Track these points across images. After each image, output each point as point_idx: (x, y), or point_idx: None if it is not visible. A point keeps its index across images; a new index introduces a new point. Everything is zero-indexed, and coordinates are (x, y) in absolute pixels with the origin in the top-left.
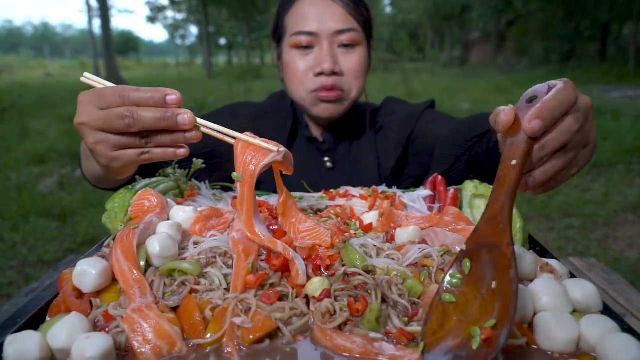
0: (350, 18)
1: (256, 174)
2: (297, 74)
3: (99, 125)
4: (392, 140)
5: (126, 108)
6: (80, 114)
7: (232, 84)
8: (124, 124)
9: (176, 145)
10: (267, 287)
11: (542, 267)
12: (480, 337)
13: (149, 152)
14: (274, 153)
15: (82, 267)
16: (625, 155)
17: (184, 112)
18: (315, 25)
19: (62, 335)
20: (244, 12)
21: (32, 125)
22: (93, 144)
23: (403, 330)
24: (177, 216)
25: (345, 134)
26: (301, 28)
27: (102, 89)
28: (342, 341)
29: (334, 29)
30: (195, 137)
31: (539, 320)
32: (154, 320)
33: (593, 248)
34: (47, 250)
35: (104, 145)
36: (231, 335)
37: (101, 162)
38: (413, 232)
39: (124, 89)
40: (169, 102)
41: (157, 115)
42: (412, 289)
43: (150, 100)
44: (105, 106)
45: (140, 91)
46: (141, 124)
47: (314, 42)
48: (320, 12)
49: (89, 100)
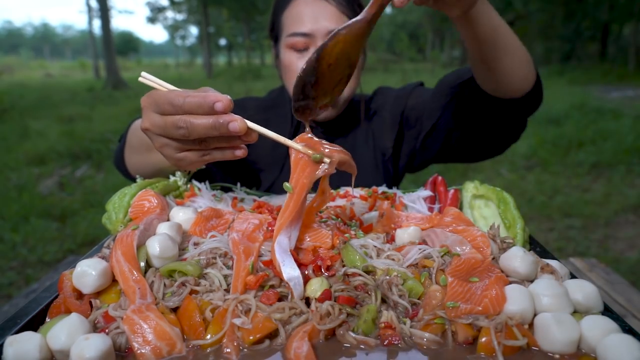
0: (343, 17)
1: (307, 188)
2: (294, 74)
3: (160, 132)
4: (386, 120)
5: (180, 118)
6: (144, 119)
7: (232, 85)
8: (180, 133)
9: (234, 146)
10: (267, 287)
11: (542, 267)
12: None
13: (209, 154)
14: (324, 166)
15: (82, 268)
16: (625, 155)
17: (234, 119)
18: (310, 25)
19: (61, 337)
20: (244, 13)
21: (32, 125)
22: (159, 147)
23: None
24: (177, 217)
25: (343, 127)
26: (296, 29)
27: (156, 95)
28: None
29: (328, 29)
30: (251, 140)
31: (540, 321)
32: (154, 321)
33: (593, 248)
34: (47, 251)
35: (169, 148)
36: (231, 336)
37: (170, 162)
38: (413, 232)
39: (175, 98)
40: (216, 109)
41: (210, 124)
42: (413, 289)
43: (199, 108)
44: (161, 112)
45: (189, 97)
46: (196, 133)
47: (309, 43)
48: (314, 12)
49: (148, 105)
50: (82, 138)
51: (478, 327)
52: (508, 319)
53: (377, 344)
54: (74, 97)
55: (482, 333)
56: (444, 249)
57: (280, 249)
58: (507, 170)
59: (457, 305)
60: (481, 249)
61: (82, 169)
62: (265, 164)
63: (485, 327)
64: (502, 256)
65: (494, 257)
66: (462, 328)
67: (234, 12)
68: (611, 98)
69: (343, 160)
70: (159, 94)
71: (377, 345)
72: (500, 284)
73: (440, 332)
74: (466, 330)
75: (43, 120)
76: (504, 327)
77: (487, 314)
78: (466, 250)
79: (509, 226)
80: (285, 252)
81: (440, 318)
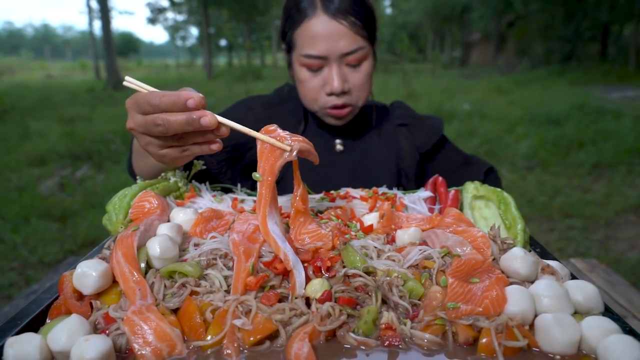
0: (357, 38)
1: (274, 174)
2: (310, 92)
3: (143, 131)
4: (416, 140)
5: (157, 116)
6: (129, 119)
7: (233, 85)
8: (158, 130)
9: (210, 140)
10: (268, 288)
11: (543, 268)
12: None
13: (188, 149)
14: (286, 154)
15: (82, 269)
16: (626, 155)
17: (205, 115)
18: (325, 48)
19: (62, 338)
20: (244, 14)
21: (33, 126)
22: (144, 145)
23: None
24: (178, 218)
25: (354, 127)
26: (311, 51)
27: (137, 96)
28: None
29: (343, 52)
30: (223, 134)
31: (540, 322)
32: (154, 322)
33: (594, 249)
34: (48, 251)
35: (152, 146)
36: (231, 337)
37: (155, 159)
38: (414, 233)
39: (152, 97)
40: (188, 106)
41: (184, 120)
42: (413, 290)
43: (173, 106)
44: (142, 112)
45: (165, 97)
46: (172, 129)
47: (323, 64)
48: (328, 34)
49: (131, 106)
50: (83, 139)
51: (478, 328)
52: (509, 320)
53: (378, 345)
54: (75, 97)
55: (483, 334)
56: (445, 249)
57: (278, 238)
58: (508, 171)
59: (457, 306)
60: (482, 249)
61: (83, 170)
62: None
63: (486, 328)
64: (502, 257)
65: (494, 258)
66: (463, 329)
67: (234, 13)
68: (612, 98)
69: (303, 149)
70: (140, 96)
71: (377, 346)
72: (500, 284)
73: (441, 333)
74: (467, 331)
75: (43, 121)
76: (505, 328)
77: (487, 314)
78: (467, 251)
79: (510, 227)
80: (283, 240)
81: (441, 319)
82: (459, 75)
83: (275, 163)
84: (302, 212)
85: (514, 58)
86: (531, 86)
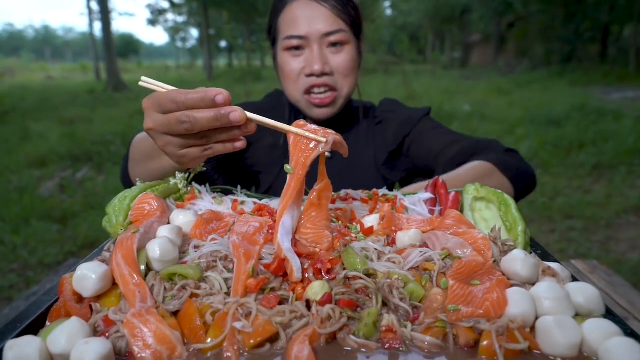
0: (337, 20)
1: (306, 167)
2: (290, 75)
3: (164, 130)
4: (389, 135)
5: (182, 113)
6: (147, 120)
7: (233, 87)
8: (183, 128)
9: (234, 139)
10: (268, 291)
11: (544, 270)
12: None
13: (211, 148)
14: (321, 145)
15: (82, 272)
16: (626, 156)
17: (234, 110)
18: (305, 28)
19: (62, 340)
20: (244, 15)
21: (33, 128)
22: (162, 146)
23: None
24: (178, 220)
25: (341, 126)
26: (292, 32)
27: (158, 95)
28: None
29: (322, 32)
30: (250, 131)
31: (541, 325)
32: (154, 325)
33: (595, 250)
34: (48, 253)
35: (171, 146)
36: (232, 340)
37: (173, 160)
38: (414, 235)
39: (177, 95)
40: (217, 102)
41: (212, 116)
42: (414, 292)
43: (201, 102)
44: (164, 111)
45: (191, 94)
46: (198, 126)
47: (304, 45)
48: (309, 15)
49: (150, 106)
50: (83, 140)
51: (479, 330)
52: (510, 323)
53: (379, 348)
54: (75, 99)
55: (484, 336)
56: (445, 251)
57: (283, 229)
58: None
59: (458, 308)
60: (482, 251)
61: (83, 171)
62: (264, 167)
63: (487, 330)
64: (503, 259)
65: (495, 260)
66: (464, 331)
67: (235, 14)
68: (612, 99)
69: (337, 141)
70: (161, 95)
71: (378, 348)
72: (501, 287)
73: (442, 335)
74: (467, 334)
75: (44, 122)
76: (506, 331)
77: (488, 317)
78: (467, 253)
79: (510, 229)
80: (287, 233)
81: (442, 321)
82: (459, 76)
83: (309, 157)
84: (315, 205)
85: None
86: (531, 87)
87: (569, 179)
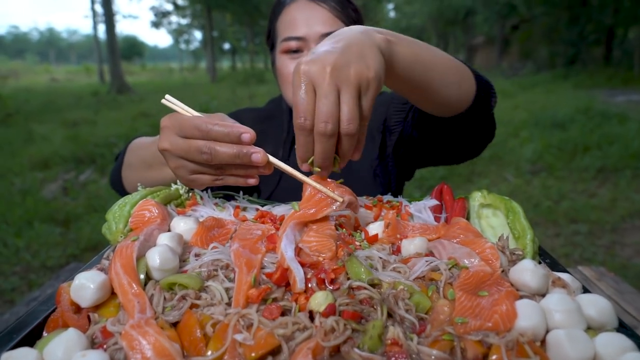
0: (337, 21)
1: (314, 219)
2: (289, 78)
3: (180, 154)
4: (372, 129)
5: (205, 144)
6: (163, 140)
7: (236, 89)
8: (202, 158)
9: (248, 175)
10: (270, 301)
11: (554, 281)
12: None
13: (222, 179)
14: (336, 204)
15: (80, 281)
16: (632, 160)
17: (258, 152)
18: (304, 30)
19: (58, 353)
20: (247, 17)
21: (37, 130)
22: (174, 168)
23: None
24: (178, 227)
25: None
26: (290, 33)
27: (181, 118)
28: None
29: (321, 32)
30: (266, 172)
31: (552, 338)
32: (153, 337)
33: (600, 254)
34: (51, 255)
35: (184, 170)
36: (232, 353)
37: (180, 180)
38: (420, 243)
39: (202, 124)
40: (243, 140)
41: (233, 153)
42: (420, 303)
43: (225, 137)
44: (185, 136)
45: (217, 126)
46: (218, 159)
47: (302, 46)
48: (307, 17)
49: (171, 126)
50: (87, 142)
51: (488, 344)
52: (519, 336)
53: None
54: (79, 101)
55: (493, 350)
56: (452, 261)
57: (287, 238)
58: (513, 175)
59: (466, 321)
60: (490, 261)
61: (86, 174)
62: (264, 176)
63: (496, 344)
64: (511, 269)
65: (503, 270)
66: (472, 345)
67: (238, 17)
68: (617, 102)
69: (352, 202)
70: (184, 118)
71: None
72: (510, 298)
73: (449, 349)
74: (476, 348)
75: (47, 124)
76: (515, 345)
77: (497, 330)
78: (475, 262)
79: (519, 237)
80: (291, 242)
81: (449, 334)
82: None
83: (321, 211)
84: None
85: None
86: (535, 90)
87: (574, 182)
